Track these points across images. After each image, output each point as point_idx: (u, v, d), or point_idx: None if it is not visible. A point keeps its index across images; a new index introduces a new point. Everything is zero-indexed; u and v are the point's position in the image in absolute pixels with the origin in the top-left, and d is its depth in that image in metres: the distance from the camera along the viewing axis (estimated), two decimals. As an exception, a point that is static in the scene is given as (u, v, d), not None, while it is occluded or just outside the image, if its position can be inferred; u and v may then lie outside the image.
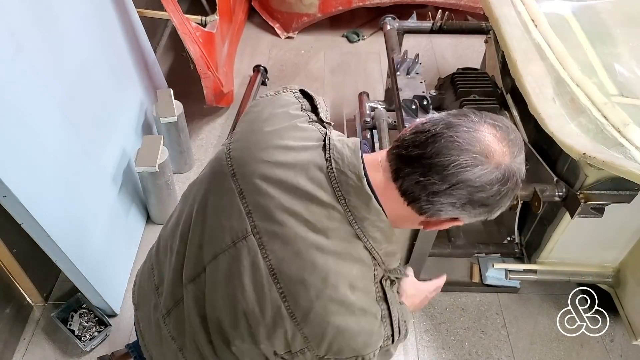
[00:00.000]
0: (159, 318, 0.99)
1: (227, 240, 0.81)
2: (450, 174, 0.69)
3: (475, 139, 0.70)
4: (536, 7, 1.79)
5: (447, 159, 0.69)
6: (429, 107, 1.93)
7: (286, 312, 0.76)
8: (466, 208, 0.73)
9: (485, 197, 0.71)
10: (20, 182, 1.27)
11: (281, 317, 0.76)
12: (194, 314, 0.89)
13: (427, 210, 0.75)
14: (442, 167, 0.70)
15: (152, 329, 1.02)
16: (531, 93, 1.50)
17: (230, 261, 0.80)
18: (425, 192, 0.72)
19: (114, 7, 1.95)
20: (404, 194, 0.75)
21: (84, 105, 1.66)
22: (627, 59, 1.58)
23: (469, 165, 0.69)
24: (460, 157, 0.69)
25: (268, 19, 3.36)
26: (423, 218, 0.78)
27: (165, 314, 0.97)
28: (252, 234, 0.79)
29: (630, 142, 1.33)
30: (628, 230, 1.63)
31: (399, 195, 0.75)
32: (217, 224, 0.83)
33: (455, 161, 0.69)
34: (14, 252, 1.65)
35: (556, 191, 1.51)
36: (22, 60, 1.31)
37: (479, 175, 0.69)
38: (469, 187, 0.70)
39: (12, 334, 1.77)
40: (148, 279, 1.04)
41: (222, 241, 0.81)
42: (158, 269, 1.01)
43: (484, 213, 0.76)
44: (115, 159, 1.89)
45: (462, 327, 1.92)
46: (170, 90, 2.20)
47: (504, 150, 0.71)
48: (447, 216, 0.76)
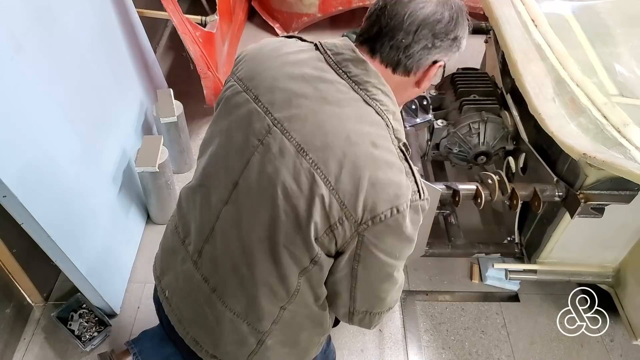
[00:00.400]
0: (189, 267, 1.01)
1: (254, 142, 0.88)
2: (409, 24, 0.85)
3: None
4: (536, 7, 1.79)
5: (400, 17, 0.85)
6: (428, 106, 1.93)
7: (320, 178, 0.82)
8: (437, 44, 0.87)
9: (444, 27, 0.86)
10: (20, 182, 1.27)
11: (317, 185, 0.82)
12: (233, 234, 0.92)
13: (411, 66, 0.88)
14: (401, 24, 0.85)
15: (181, 284, 1.04)
16: (531, 93, 1.51)
17: (261, 158, 0.87)
18: (401, 51, 0.86)
19: (114, 7, 1.95)
20: (386, 63, 0.88)
21: (84, 105, 1.66)
22: (627, 59, 1.58)
23: (417, 10, 0.85)
24: (408, 8, 0.85)
25: (268, 19, 3.36)
26: (413, 77, 0.90)
27: (197, 257, 1.00)
28: (273, 125, 0.86)
29: (630, 142, 1.33)
30: (628, 230, 1.63)
31: (384, 67, 0.89)
32: (240, 137, 0.90)
33: (406, 13, 0.85)
34: (14, 252, 1.65)
35: (556, 191, 1.51)
36: (22, 60, 1.31)
37: (428, 12, 0.85)
38: (427, 24, 0.85)
39: (12, 334, 1.77)
40: (172, 240, 1.08)
41: (250, 146, 0.88)
42: (182, 223, 1.04)
43: (453, 45, 0.89)
44: (115, 159, 1.89)
45: (462, 327, 1.92)
46: (170, 90, 2.19)
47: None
48: (428, 62, 0.89)
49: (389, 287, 0.93)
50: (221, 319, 0.99)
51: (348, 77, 0.87)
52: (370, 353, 1.83)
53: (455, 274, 2.08)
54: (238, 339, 0.99)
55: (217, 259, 0.96)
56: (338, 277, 0.91)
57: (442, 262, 2.09)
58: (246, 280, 0.93)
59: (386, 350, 1.84)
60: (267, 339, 0.99)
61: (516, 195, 1.52)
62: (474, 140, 1.85)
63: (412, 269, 2.07)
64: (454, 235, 1.92)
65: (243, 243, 0.91)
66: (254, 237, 0.90)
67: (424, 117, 1.91)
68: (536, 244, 1.75)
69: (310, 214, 0.83)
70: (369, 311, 0.95)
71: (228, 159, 0.92)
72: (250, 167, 0.88)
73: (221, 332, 1.00)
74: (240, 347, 1.00)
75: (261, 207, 0.87)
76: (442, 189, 1.56)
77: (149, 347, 1.49)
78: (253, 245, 0.90)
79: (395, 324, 1.91)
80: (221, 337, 1.00)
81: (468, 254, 1.91)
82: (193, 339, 1.04)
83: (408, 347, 1.85)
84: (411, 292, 2.01)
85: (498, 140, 1.84)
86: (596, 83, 1.51)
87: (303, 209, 0.84)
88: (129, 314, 1.89)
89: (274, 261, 0.90)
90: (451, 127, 1.86)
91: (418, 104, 1.91)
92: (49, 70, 1.46)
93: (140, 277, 1.99)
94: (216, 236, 0.95)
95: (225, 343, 1.00)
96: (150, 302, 1.89)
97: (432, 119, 1.89)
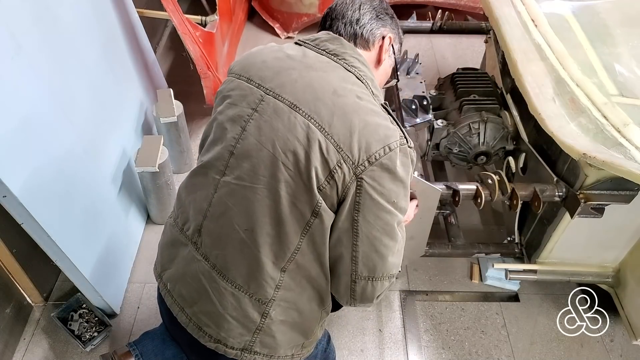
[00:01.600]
0: (190, 250, 1.04)
1: (248, 112, 0.97)
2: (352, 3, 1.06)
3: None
4: (536, 7, 1.79)
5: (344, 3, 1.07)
6: (428, 107, 1.93)
7: (314, 126, 0.91)
8: (381, 17, 1.07)
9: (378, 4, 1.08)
10: (20, 182, 1.27)
11: (312, 132, 0.91)
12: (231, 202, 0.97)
13: (367, 36, 1.05)
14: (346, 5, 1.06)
15: (181, 271, 1.06)
16: (531, 93, 1.51)
17: (256, 123, 0.96)
18: (354, 23, 1.04)
19: (114, 7, 1.95)
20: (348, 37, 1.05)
21: (84, 105, 1.66)
22: (627, 59, 1.58)
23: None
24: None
25: (268, 19, 3.36)
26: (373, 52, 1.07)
27: (197, 237, 1.03)
28: (265, 94, 0.97)
29: (630, 142, 1.33)
30: (628, 230, 1.63)
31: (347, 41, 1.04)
32: (234, 111, 0.99)
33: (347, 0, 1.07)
34: (14, 252, 1.65)
35: (556, 191, 1.51)
36: (22, 60, 1.31)
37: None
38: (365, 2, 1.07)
39: (12, 334, 1.77)
40: (171, 233, 1.12)
41: (245, 115, 0.97)
42: (181, 212, 1.09)
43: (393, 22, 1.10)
44: (115, 159, 1.89)
45: (462, 327, 1.92)
46: (170, 90, 2.20)
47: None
48: (379, 34, 1.07)
49: (389, 242, 0.95)
50: (223, 295, 1.00)
51: (327, 52, 1.01)
52: (370, 353, 1.83)
53: (455, 274, 2.08)
54: (242, 315, 1.00)
55: (216, 232, 1.00)
56: (340, 233, 0.95)
57: (442, 262, 2.09)
58: (246, 245, 0.96)
59: (386, 350, 1.84)
60: (270, 311, 1.00)
61: (516, 195, 1.52)
62: (474, 140, 1.85)
63: (412, 269, 2.07)
64: (454, 235, 1.92)
65: (243, 206, 0.95)
66: (254, 199, 0.94)
67: (424, 117, 1.91)
68: (536, 244, 1.75)
69: (309, 160, 0.90)
70: (371, 276, 0.97)
71: (224, 131, 1.00)
72: (246, 134, 0.96)
73: (225, 309, 1.00)
74: (244, 324, 1.01)
75: (260, 167, 0.94)
76: (442, 189, 1.56)
77: (150, 349, 1.48)
78: (254, 207, 0.94)
79: (395, 324, 1.91)
80: (225, 316, 1.01)
81: (468, 254, 1.91)
82: (196, 326, 1.05)
83: (408, 347, 1.85)
84: (411, 292, 2.01)
85: (498, 140, 1.84)
86: (596, 83, 1.51)
87: (302, 157, 0.91)
88: (129, 314, 1.89)
89: (276, 218, 0.94)
90: (451, 127, 1.86)
91: (418, 104, 1.91)
92: (49, 70, 1.46)
93: (140, 277, 1.99)
94: (214, 208, 1.00)
95: (229, 322, 1.01)
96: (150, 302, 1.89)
97: (432, 119, 1.89)
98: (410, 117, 1.91)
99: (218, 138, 1.01)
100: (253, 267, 0.97)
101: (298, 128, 0.91)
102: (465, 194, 1.57)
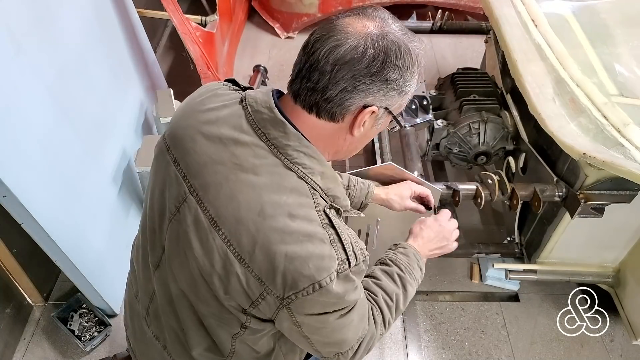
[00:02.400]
0: (142, 322, 1.01)
1: (172, 209, 0.84)
2: (324, 64, 0.73)
3: (336, 29, 0.75)
4: (536, 7, 1.79)
5: (317, 56, 0.74)
6: (429, 106, 1.94)
7: (233, 256, 0.76)
8: (359, 87, 0.74)
9: (365, 67, 0.73)
10: (20, 182, 1.27)
11: (230, 263, 0.76)
12: (164, 300, 0.90)
13: (332, 111, 0.77)
14: (317, 62, 0.74)
15: (139, 337, 1.04)
16: (531, 93, 1.51)
17: (177, 226, 0.83)
18: (318, 94, 0.75)
19: (113, 7, 1.95)
20: (307, 107, 0.78)
21: (84, 105, 1.66)
22: (627, 59, 1.58)
23: (334, 47, 0.73)
24: (325, 46, 0.74)
25: (268, 19, 3.36)
26: (343, 124, 0.79)
27: (146, 314, 0.98)
28: (189, 193, 0.82)
29: (630, 142, 1.33)
30: (628, 230, 1.63)
31: (307, 113, 0.78)
32: (163, 200, 0.87)
33: (321, 52, 0.74)
34: (14, 252, 1.65)
35: (556, 191, 1.51)
36: (22, 60, 1.31)
37: (345, 50, 0.73)
38: (344, 64, 0.73)
39: (12, 334, 1.77)
40: (129, 292, 1.08)
41: (169, 212, 0.85)
42: (134, 278, 1.04)
43: (387, 87, 0.76)
44: (115, 159, 1.89)
45: (462, 327, 1.92)
46: (170, 90, 2.19)
47: (365, 24, 0.75)
48: (355, 107, 0.77)
49: (346, 331, 0.84)
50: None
51: (267, 140, 0.78)
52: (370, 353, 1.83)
53: (455, 274, 2.08)
54: None
55: (160, 320, 0.95)
56: (289, 337, 0.86)
57: (442, 262, 2.09)
58: (185, 342, 0.92)
59: (386, 351, 1.84)
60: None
61: (516, 195, 1.52)
62: (474, 140, 1.85)
63: (412, 269, 2.07)
64: (454, 235, 1.92)
65: (173, 307, 0.89)
66: (181, 305, 0.87)
67: (424, 117, 1.91)
68: (536, 244, 1.75)
69: (228, 292, 0.79)
70: (340, 352, 0.88)
71: (154, 222, 0.89)
72: (170, 234, 0.85)
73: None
74: None
75: (183, 278, 0.84)
76: (442, 189, 1.56)
77: None
78: (183, 312, 0.88)
79: (395, 324, 1.91)
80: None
81: (468, 254, 1.91)
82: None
83: (408, 347, 1.85)
84: (411, 292, 2.01)
85: (498, 140, 1.84)
86: (596, 83, 1.51)
87: (220, 288, 0.79)
88: (129, 314, 1.89)
89: (204, 328, 0.88)
90: (451, 127, 1.86)
91: (418, 104, 1.91)
92: (49, 70, 1.46)
93: (140, 277, 1.99)
94: (156, 298, 0.94)
95: None
96: (150, 302, 1.85)
97: (432, 119, 1.89)
98: (410, 117, 1.91)
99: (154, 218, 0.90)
100: None
101: (215, 254, 0.77)
102: (465, 194, 1.57)
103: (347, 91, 0.74)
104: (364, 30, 0.74)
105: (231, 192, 0.77)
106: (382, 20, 0.76)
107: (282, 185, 0.77)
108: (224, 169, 0.79)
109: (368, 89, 0.75)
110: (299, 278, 0.73)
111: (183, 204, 0.82)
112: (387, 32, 0.75)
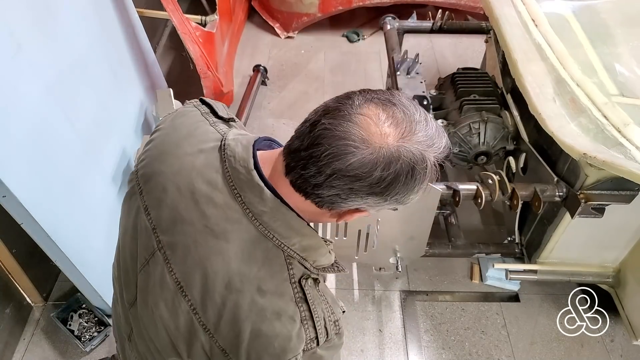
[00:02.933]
0: (125, 344, 0.99)
1: (141, 259, 0.80)
2: (324, 165, 0.64)
3: (351, 124, 0.64)
4: (536, 7, 1.79)
5: (319, 149, 0.64)
6: (429, 107, 1.93)
7: (198, 324, 0.73)
8: (354, 199, 0.67)
9: (367, 187, 0.65)
10: (20, 182, 1.27)
11: (195, 330, 0.74)
12: (139, 337, 0.88)
13: (321, 204, 0.69)
14: (317, 158, 0.65)
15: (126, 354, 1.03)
16: (531, 93, 1.50)
17: (146, 279, 0.79)
18: (310, 186, 0.67)
19: (113, 6, 1.95)
20: (296, 188, 0.70)
21: (83, 105, 1.66)
22: (628, 58, 1.58)
23: (340, 154, 0.63)
24: (332, 146, 0.63)
25: (268, 18, 3.36)
26: (330, 212, 0.72)
27: (127, 339, 0.97)
28: (157, 249, 0.77)
29: (630, 142, 1.33)
30: (628, 230, 1.63)
31: (294, 190, 0.70)
32: (134, 246, 0.82)
33: (326, 151, 0.64)
34: (14, 252, 1.65)
35: (556, 191, 1.51)
36: (22, 60, 1.31)
37: (351, 163, 0.63)
38: (345, 176, 0.64)
39: (12, 334, 1.77)
40: (114, 309, 1.06)
41: (139, 262, 0.81)
42: (115, 299, 1.02)
43: (382, 203, 0.69)
44: (115, 159, 1.89)
45: (463, 327, 1.92)
46: (170, 90, 2.19)
47: (385, 132, 0.64)
48: (347, 207, 0.70)
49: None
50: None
51: (242, 202, 0.71)
52: (370, 353, 1.83)
53: (455, 274, 2.08)
54: None
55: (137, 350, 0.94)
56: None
57: (442, 262, 2.09)
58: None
59: (386, 351, 1.84)
60: None
61: (516, 195, 1.52)
62: (474, 140, 1.85)
63: (412, 269, 2.07)
64: (454, 236, 1.92)
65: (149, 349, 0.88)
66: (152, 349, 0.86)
67: (424, 117, 1.90)
68: (536, 244, 1.75)
69: (190, 355, 0.76)
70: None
71: (126, 264, 0.86)
72: (140, 284, 0.82)
73: None
74: None
75: (151, 330, 0.82)
76: (442, 189, 1.56)
77: None
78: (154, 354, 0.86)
79: (395, 324, 1.91)
80: None
81: (468, 254, 1.91)
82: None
83: (408, 347, 1.85)
84: (411, 292, 2.00)
85: (498, 140, 1.84)
86: (596, 83, 1.51)
87: (183, 349, 0.76)
88: (128, 314, 1.89)
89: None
90: (451, 127, 1.86)
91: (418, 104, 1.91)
92: (49, 70, 1.46)
93: (140, 277, 1.98)
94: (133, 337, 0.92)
95: None
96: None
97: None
98: (411, 117, 1.91)
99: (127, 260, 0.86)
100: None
101: (181, 318, 0.74)
102: (466, 194, 1.57)
103: (340, 197, 0.67)
104: (379, 142, 0.63)
105: (199, 258, 0.73)
106: (408, 125, 0.66)
107: (253, 255, 0.72)
108: (193, 230, 0.73)
109: (364, 201, 0.68)
110: (263, 356, 0.71)
111: (152, 258, 0.78)
112: (405, 149, 0.64)
